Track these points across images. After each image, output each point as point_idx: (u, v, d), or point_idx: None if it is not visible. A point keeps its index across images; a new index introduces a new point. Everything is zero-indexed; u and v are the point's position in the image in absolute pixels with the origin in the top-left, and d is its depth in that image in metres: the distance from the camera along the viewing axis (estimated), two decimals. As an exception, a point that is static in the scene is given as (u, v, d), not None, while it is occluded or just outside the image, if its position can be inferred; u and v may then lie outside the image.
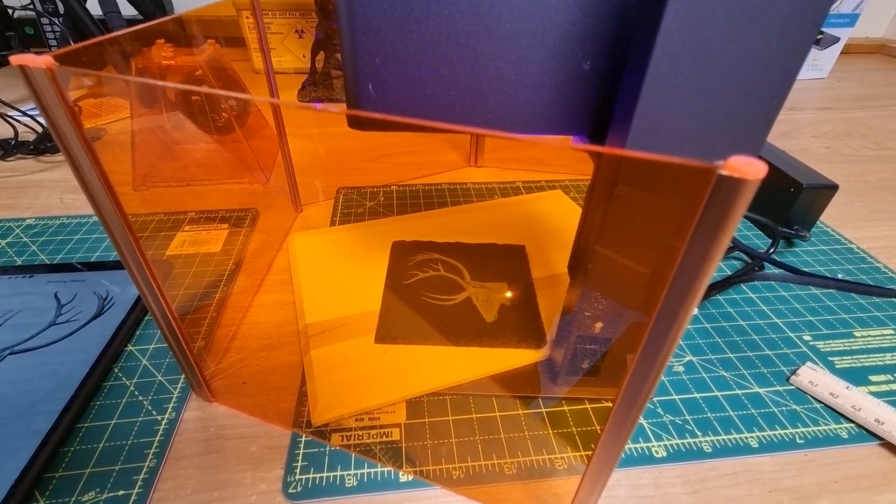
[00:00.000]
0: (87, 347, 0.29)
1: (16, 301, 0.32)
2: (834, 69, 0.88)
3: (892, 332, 0.33)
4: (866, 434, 0.26)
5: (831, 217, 0.45)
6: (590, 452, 0.18)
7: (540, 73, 0.20)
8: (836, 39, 0.84)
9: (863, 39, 1.06)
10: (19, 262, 0.36)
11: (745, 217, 0.40)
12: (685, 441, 0.25)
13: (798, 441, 0.26)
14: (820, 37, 0.84)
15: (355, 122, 0.22)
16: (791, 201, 0.40)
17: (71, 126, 0.17)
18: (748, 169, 0.10)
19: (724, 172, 0.10)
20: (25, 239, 0.39)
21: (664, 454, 0.25)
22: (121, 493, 0.22)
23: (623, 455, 0.25)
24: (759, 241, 0.41)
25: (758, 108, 0.17)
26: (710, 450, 0.25)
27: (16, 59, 0.15)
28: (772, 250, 0.38)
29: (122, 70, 0.43)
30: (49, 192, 0.47)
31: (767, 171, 0.10)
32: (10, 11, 0.72)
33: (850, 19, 0.83)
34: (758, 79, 0.16)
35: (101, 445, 0.24)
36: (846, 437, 0.26)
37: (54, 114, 0.16)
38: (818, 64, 0.87)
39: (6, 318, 0.30)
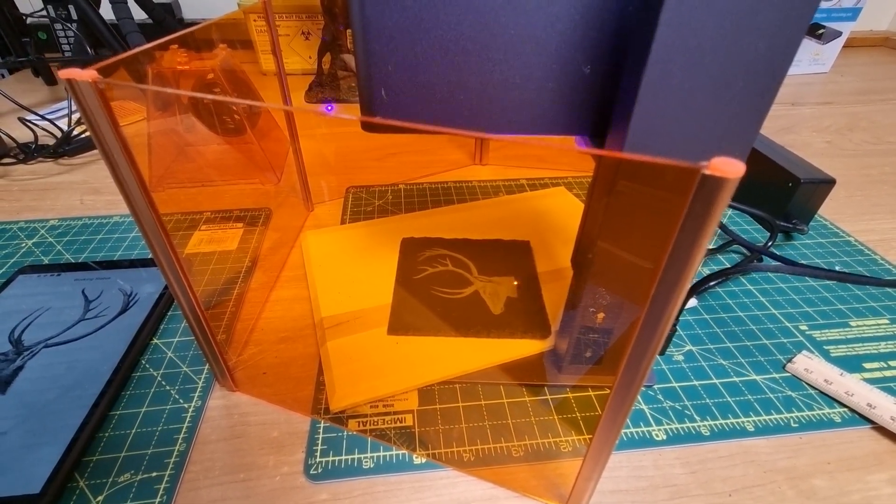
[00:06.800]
0: (115, 341, 0.30)
1: (46, 298, 0.33)
2: (837, 63, 0.88)
3: (887, 321, 0.34)
4: (859, 418, 0.27)
5: (830, 211, 0.46)
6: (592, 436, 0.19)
7: (543, 77, 0.21)
8: (839, 34, 0.85)
9: (867, 33, 1.06)
10: (46, 261, 0.38)
11: (744, 211, 0.42)
12: (684, 425, 0.27)
13: (793, 425, 0.27)
14: (822, 31, 0.84)
15: (368, 126, 0.23)
16: (789, 196, 0.41)
17: (112, 132, 0.18)
18: (729, 168, 0.11)
19: (708, 172, 0.11)
20: (50, 239, 0.41)
21: (664, 437, 0.26)
22: (154, 474, 0.24)
23: (625, 438, 0.26)
24: (759, 235, 0.43)
25: (748, 107, 0.18)
26: (708, 433, 0.26)
27: (63, 73, 0.17)
28: (770, 244, 0.39)
29: (138, 75, 0.45)
30: (69, 194, 0.49)
31: (745, 170, 0.11)
32: (24, 18, 0.74)
33: (853, 13, 0.83)
34: (747, 81, 0.18)
35: (134, 431, 0.26)
36: (839, 420, 0.27)
37: (98, 122, 0.18)
38: (820, 58, 0.87)
39: (38, 314, 0.32)
